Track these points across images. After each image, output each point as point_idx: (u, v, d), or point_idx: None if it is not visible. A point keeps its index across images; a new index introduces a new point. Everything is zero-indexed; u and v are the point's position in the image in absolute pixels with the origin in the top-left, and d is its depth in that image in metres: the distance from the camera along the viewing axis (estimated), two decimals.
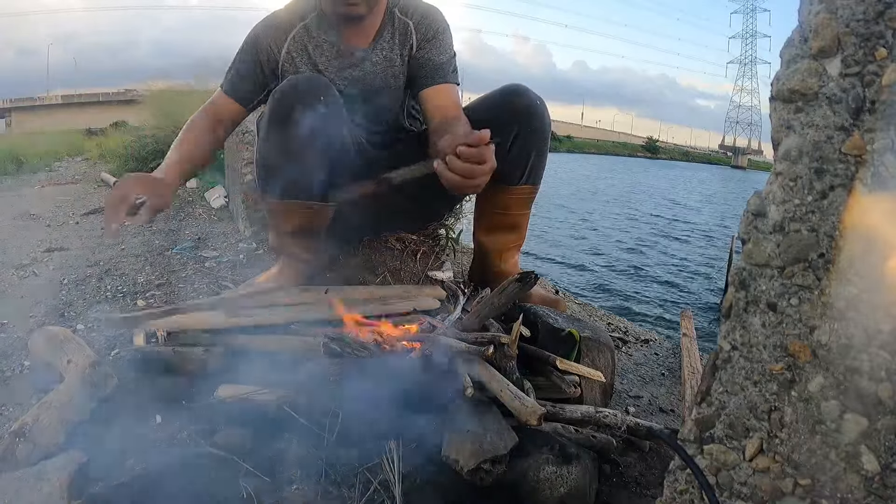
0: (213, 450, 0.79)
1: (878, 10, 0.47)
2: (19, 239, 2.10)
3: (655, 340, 1.66)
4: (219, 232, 2.13)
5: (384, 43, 1.32)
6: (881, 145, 0.46)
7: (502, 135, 1.32)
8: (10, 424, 0.83)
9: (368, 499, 0.72)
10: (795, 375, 0.51)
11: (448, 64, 1.33)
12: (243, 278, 1.53)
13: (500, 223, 1.44)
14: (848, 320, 0.48)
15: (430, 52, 1.32)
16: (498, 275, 1.48)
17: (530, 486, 0.75)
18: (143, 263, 1.75)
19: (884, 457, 0.47)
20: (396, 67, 1.34)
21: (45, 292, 1.48)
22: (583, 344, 1.07)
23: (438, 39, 1.33)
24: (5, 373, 1.06)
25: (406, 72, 1.35)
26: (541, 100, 1.33)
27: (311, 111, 1.15)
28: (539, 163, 1.37)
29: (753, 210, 0.53)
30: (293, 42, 1.30)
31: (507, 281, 1.03)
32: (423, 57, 1.32)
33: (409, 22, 1.32)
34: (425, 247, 1.64)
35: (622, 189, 12.75)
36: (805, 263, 0.50)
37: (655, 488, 0.87)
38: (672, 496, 0.60)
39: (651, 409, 1.23)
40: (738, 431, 0.55)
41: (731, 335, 0.55)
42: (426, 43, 1.32)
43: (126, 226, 1.12)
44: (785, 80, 0.51)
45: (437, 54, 1.32)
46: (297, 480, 0.75)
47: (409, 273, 1.55)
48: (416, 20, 1.33)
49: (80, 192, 3.48)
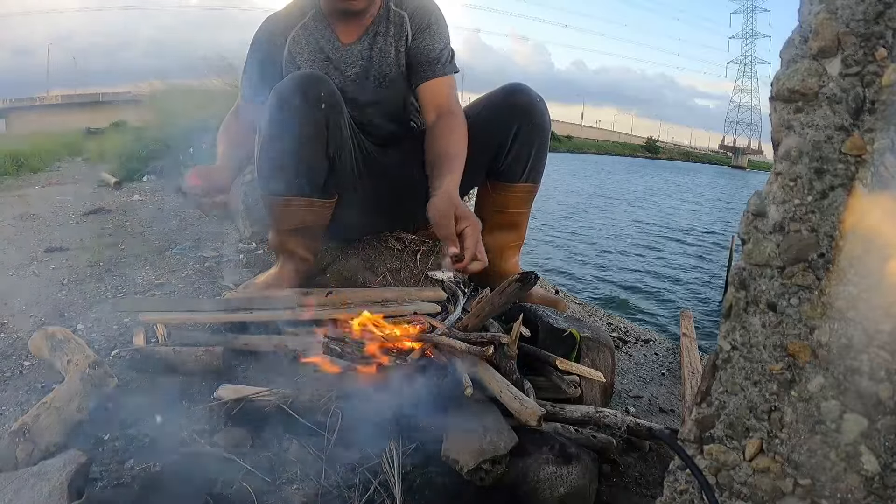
0: (213, 450, 0.78)
1: (878, 10, 0.47)
2: (19, 239, 2.10)
3: (655, 340, 1.66)
4: (219, 232, 2.12)
5: (381, 37, 1.33)
6: (881, 145, 0.46)
7: (503, 133, 1.32)
8: (10, 424, 0.83)
9: (368, 499, 0.72)
10: (795, 375, 0.51)
11: (443, 54, 1.34)
12: (243, 278, 1.53)
13: (499, 222, 1.44)
14: (848, 320, 0.48)
15: (424, 42, 1.33)
16: (498, 274, 1.48)
17: (530, 486, 0.75)
18: (143, 263, 1.75)
19: (884, 457, 0.47)
20: (395, 60, 1.35)
21: (45, 292, 1.48)
22: (583, 344, 1.07)
23: (432, 29, 1.33)
24: (5, 373, 1.06)
25: (404, 64, 1.36)
26: (541, 98, 1.34)
27: (310, 107, 1.16)
28: (539, 161, 1.37)
29: (753, 210, 0.53)
30: (293, 42, 1.31)
31: (507, 281, 1.03)
32: (417, 48, 1.33)
33: (404, 14, 1.33)
34: (425, 247, 1.64)
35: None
36: (805, 263, 0.50)
37: (655, 488, 0.87)
38: (672, 496, 0.60)
39: (651, 409, 1.23)
40: (738, 431, 0.55)
41: (731, 335, 0.55)
42: (420, 33, 1.33)
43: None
44: (785, 80, 0.51)
45: (431, 44, 1.33)
46: (297, 480, 0.75)
47: (409, 273, 1.55)
48: (411, 11, 1.33)
49: (80, 192, 3.48)
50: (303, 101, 1.16)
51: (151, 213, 2.69)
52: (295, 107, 1.16)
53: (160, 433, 0.85)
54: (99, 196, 3.26)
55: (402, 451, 0.78)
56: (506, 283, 1.03)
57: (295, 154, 1.20)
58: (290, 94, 1.16)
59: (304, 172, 1.23)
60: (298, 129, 1.17)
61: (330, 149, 1.23)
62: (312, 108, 1.16)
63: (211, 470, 0.75)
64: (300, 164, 1.21)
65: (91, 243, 2.02)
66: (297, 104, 1.16)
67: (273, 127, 1.19)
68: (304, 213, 1.29)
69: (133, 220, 2.53)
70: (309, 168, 1.23)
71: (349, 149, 1.29)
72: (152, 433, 0.85)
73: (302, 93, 1.16)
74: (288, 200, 1.27)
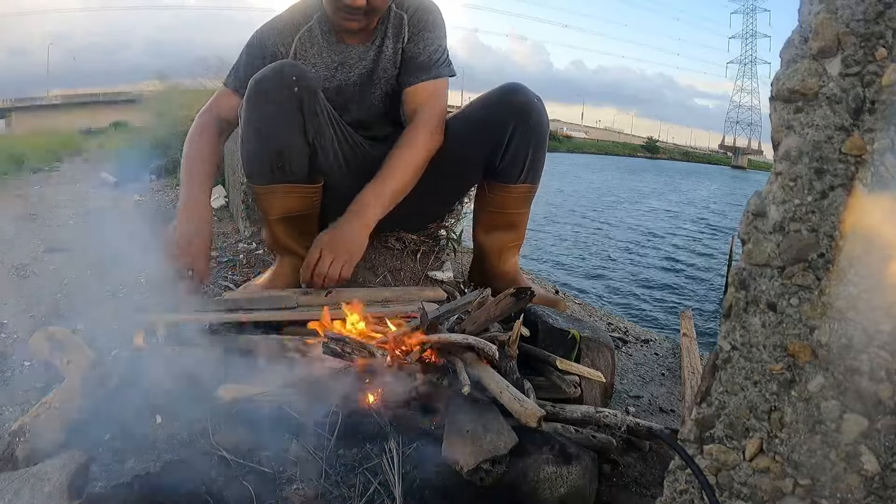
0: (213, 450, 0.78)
1: (878, 10, 0.47)
2: (19, 239, 2.10)
3: (655, 340, 1.66)
4: (219, 232, 2.12)
5: (382, 39, 1.34)
6: (881, 145, 0.46)
7: (500, 133, 1.32)
8: (10, 424, 0.83)
9: (368, 499, 0.72)
10: (795, 375, 0.51)
11: (433, 56, 1.34)
12: (243, 278, 1.53)
13: (498, 222, 1.44)
14: (848, 320, 0.48)
15: (417, 46, 1.34)
16: (498, 275, 1.48)
17: (530, 486, 0.75)
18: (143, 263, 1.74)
19: (884, 457, 0.47)
20: (394, 60, 1.36)
21: (45, 292, 1.48)
22: (583, 344, 1.07)
23: (427, 32, 1.34)
24: (5, 373, 1.06)
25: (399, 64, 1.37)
26: (538, 98, 1.34)
27: (283, 91, 1.18)
28: (537, 161, 1.37)
29: (753, 210, 0.53)
30: (300, 44, 1.32)
31: (502, 294, 1.04)
32: (409, 50, 1.34)
33: (404, 15, 1.34)
34: (425, 247, 1.64)
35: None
36: (805, 263, 0.50)
37: (655, 488, 0.87)
38: (672, 496, 0.60)
39: (651, 409, 1.23)
40: (738, 431, 0.55)
41: (731, 335, 0.55)
42: (414, 36, 1.34)
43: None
44: (785, 80, 0.51)
45: (422, 48, 1.34)
46: (297, 480, 0.74)
47: (409, 273, 1.55)
48: (411, 13, 1.34)
49: (80, 192, 3.47)
50: (276, 86, 1.18)
51: (151, 213, 2.69)
52: (269, 91, 1.18)
53: (160, 433, 0.85)
54: (99, 196, 3.26)
55: (402, 451, 0.78)
56: (502, 295, 1.04)
57: (273, 140, 1.22)
58: (265, 80, 1.18)
59: (283, 158, 1.24)
60: (275, 114, 1.19)
61: (308, 134, 1.24)
62: (285, 92, 1.18)
63: (211, 470, 0.75)
64: (279, 149, 1.23)
65: (91, 243, 2.02)
66: (270, 89, 1.18)
67: (250, 114, 1.21)
68: (289, 199, 1.30)
69: (133, 220, 2.53)
70: (288, 153, 1.24)
71: (330, 136, 1.29)
72: (152, 433, 0.85)
73: (275, 78, 1.18)
74: (271, 188, 1.28)
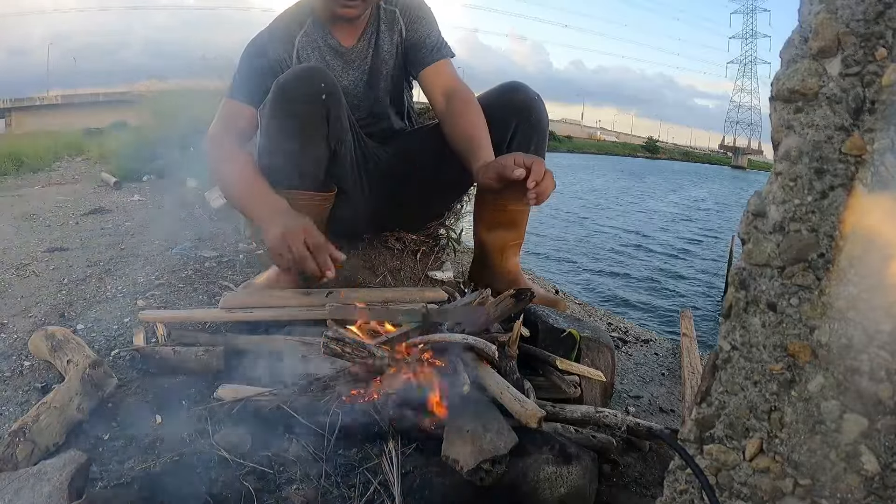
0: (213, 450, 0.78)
1: (878, 10, 0.47)
2: (19, 239, 2.10)
3: (655, 340, 1.66)
4: (219, 232, 2.12)
5: (376, 36, 1.36)
6: (881, 145, 0.46)
7: (501, 131, 1.33)
8: (9, 424, 0.83)
9: (368, 499, 0.72)
10: (795, 375, 0.51)
11: (439, 40, 1.37)
12: (243, 278, 1.53)
13: (499, 220, 1.45)
14: (848, 320, 0.48)
15: (419, 32, 1.36)
16: (499, 273, 1.48)
17: (530, 486, 0.75)
18: (143, 263, 1.75)
19: (884, 457, 0.47)
20: (393, 55, 1.38)
21: (45, 292, 1.48)
22: (583, 344, 1.07)
23: (423, 17, 1.37)
24: (5, 373, 1.06)
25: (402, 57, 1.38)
26: (538, 96, 1.35)
27: (312, 98, 1.17)
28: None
29: (753, 210, 0.53)
30: (301, 48, 1.33)
31: (503, 295, 1.04)
32: (413, 38, 1.36)
33: (395, 9, 1.37)
34: (425, 247, 1.64)
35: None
36: (805, 263, 0.50)
37: (655, 488, 0.87)
38: (672, 496, 0.60)
39: (651, 409, 1.23)
40: (738, 431, 0.55)
41: (731, 335, 0.55)
42: (412, 24, 1.36)
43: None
44: (785, 80, 0.51)
45: (426, 32, 1.36)
46: (296, 480, 0.75)
47: (409, 273, 1.55)
48: (401, 6, 1.37)
49: (80, 192, 3.48)
50: (305, 93, 1.17)
51: (151, 213, 2.69)
52: (297, 98, 1.17)
53: (160, 433, 0.85)
54: (99, 196, 3.26)
55: (402, 451, 0.78)
56: (502, 296, 1.04)
57: (297, 146, 1.21)
58: (292, 86, 1.18)
59: (305, 165, 1.23)
60: (301, 120, 1.18)
61: (331, 140, 1.23)
62: (314, 99, 1.17)
63: (211, 470, 0.75)
64: (302, 156, 1.22)
65: (91, 243, 2.02)
66: (299, 95, 1.17)
67: (275, 119, 1.20)
68: (304, 207, 1.30)
69: (133, 220, 2.53)
70: (310, 160, 1.23)
71: (349, 142, 1.30)
72: (152, 433, 0.85)
73: (304, 84, 1.17)
74: (289, 194, 1.28)
